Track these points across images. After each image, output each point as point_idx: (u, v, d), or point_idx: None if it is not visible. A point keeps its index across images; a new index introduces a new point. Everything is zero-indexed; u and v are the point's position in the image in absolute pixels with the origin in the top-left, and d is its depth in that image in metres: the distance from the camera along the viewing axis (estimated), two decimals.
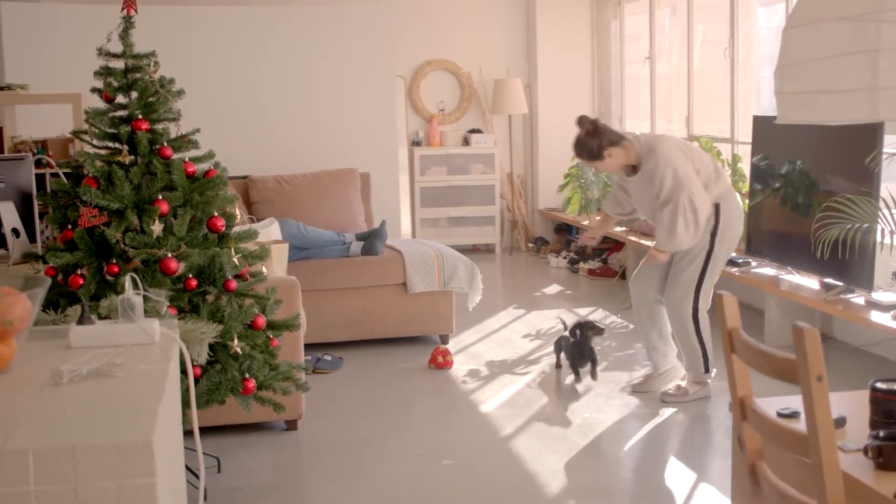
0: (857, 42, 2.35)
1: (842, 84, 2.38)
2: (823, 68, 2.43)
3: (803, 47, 2.52)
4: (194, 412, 2.32)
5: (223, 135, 8.19)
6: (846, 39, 2.37)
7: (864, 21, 2.33)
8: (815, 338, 1.92)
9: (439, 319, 6.74)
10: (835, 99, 2.41)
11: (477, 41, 10.58)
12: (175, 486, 2.14)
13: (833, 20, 2.40)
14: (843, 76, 2.38)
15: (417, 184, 10.35)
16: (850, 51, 2.36)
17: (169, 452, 1.95)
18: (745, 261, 6.83)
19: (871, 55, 2.32)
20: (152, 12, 8.06)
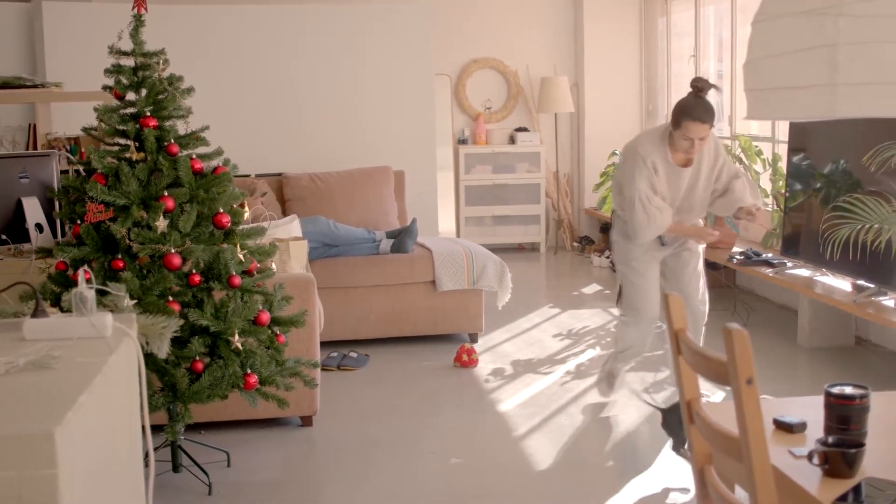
0: (816, 37, 2.29)
1: (801, 80, 2.32)
2: (784, 64, 2.37)
3: (766, 43, 2.47)
4: (145, 404, 2.33)
5: (260, 132, 8.28)
6: (806, 34, 2.31)
7: (823, 15, 2.27)
8: (745, 340, 1.87)
9: (468, 318, 6.72)
10: (795, 95, 2.36)
11: (524, 39, 10.54)
12: (112, 478, 2.15)
13: (794, 15, 2.35)
14: (803, 72, 2.32)
15: (462, 182, 10.33)
16: (809, 46, 2.30)
17: (93, 445, 1.96)
18: (780, 262, 6.71)
19: (830, 50, 2.26)
20: (196, 11, 8.17)
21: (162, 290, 4.00)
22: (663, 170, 4.93)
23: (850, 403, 2.24)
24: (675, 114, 4.83)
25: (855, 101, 2.26)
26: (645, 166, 4.89)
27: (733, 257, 7.02)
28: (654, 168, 4.90)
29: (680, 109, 4.80)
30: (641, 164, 4.91)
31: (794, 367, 6.06)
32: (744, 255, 6.99)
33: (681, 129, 4.78)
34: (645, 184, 4.89)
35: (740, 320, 7.09)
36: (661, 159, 4.92)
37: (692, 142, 4.79)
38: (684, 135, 4.78)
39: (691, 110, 4.74)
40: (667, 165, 4.94)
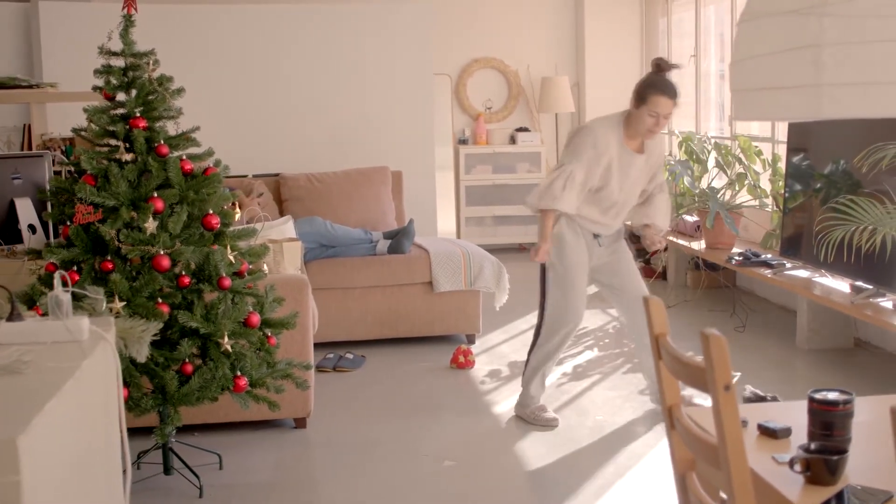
0: (800, 37, 2.26)
1: (786, 80, 2.29)
2: (768, 64, 2.34)
3: (751, 43, 2.43)
4: (121, 408, 2.30)
5: (258, 132, 8.27)
6: (790, 34, 2.28)
7: (807, 15, 2.24)
8: (722, 346, 1.84)
9: (466, 319, 6.69)
10: (779, 96, 2.33)
11: (525, 39, 10.51)
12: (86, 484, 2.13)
13: (779, 15, 2.32)
14: (787, 72, 2.29)
15: (463, 182, 10.31)
16: (793, 46, 2.27)
17: (64, 451, 1.94)
18: (779, 262, 6.67)
19: (814, 50, 2.23)
20: (195, 11, 8.15)
21: (151, 292, 3.98)
22: (617, 153, 4.88)
23: (834, 409, 2.20)
24: (641, 89, 4.81)
25: (840, 101, 2.23)
26: (594, 148, 4.82)
27: (732, 258, 6.99)
28: (607, 152, 4.83)
29: (646, 84, 4.80)
30: (591, 144, 4.84)
31: (793, 370, 6.02)
32: (743, 255, 6.95)
33: (647, 104, 4.75)
34: (583, 167, 4.82)
35: (739, 321, 7.05)
36: (615, 142, 4.87)
37: (657, 119, 4.77)
38: (650, 110, 4.75)
39: (658, 85, 4.76)
40: (621, 149, 4.89)
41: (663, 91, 4.74)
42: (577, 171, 4.81)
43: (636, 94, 4.82)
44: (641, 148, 4.96)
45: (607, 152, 4.85)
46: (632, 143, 4.92)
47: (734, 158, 7.55)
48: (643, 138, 4.92)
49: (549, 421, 5.09)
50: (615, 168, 4.88)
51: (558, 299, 5.05)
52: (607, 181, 4.89)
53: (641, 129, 4.83)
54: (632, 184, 4.99)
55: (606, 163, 4.86)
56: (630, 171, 4.94)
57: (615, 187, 4.92)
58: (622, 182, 4.94)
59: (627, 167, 4.92)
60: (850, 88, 2.19)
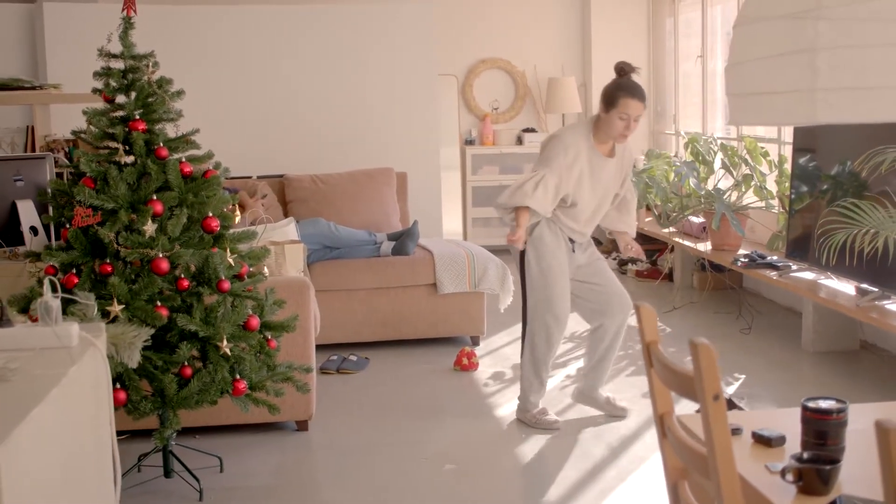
0: (794, 41, 2.23)
1: (780, 85, 2.27)
2: (763, 69, 2.32)
3: (746, 47, 2.41)
4: (111, 413, 2.29)
5: (262, 133, 8.26)
6: (784, 38, 2.26)
7: (802, 19, 2.21)
8: (710, 355, 1.82)
9: (470, 321, 6.68)
10: (774, 101, 2.30)
11: (531, 39, 10.48)
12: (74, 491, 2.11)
13: (773, 19, 2.29)
14: (782, 77, 2.26)
15: (469, 183, 10.29)
16: (787, 50, 2.24)
17: (49, 458, 1.93)
18: (784, 264, 6.63)
19: (809, 55, 2.21)
20: (198, 12, 8.15)
21: (150, 295, 3.97)
22: (587, 158, 4.88)
23: (827, 418, 2.18)
24: (609, 93, 4.82)
25: (835, 106, 2.20)
26: (565, 155, 4.83)
27: (738, 259, 6.95)
28: (577, 160, 4.84)
29: (615, 87, 4.82)
30: (563, 151, 4.85)
31: (798, 372, 5.99)
32: (748, 257, 6.91)
33: (617, 107, 4.77)
34: (555, 174, 4.81)
35: (745, 323, 7.02)
36: (585, 148, 4.88)
37: (627, 121, 4.79)
38: (620, 113, 4.77)
39: (626, 88, 4.79)
40: (591, 153, 4.90)
41: (632, 94, 4.78)
42: (550, 177, 4.82)
43: (605, 99, 4.85)
44: (612, 152, 4.99)
45: (578, 159, 4.86)
46: (602, 147, 4.94)
47: (740, 159, 7.52)
48: (615, 142, 4.94)
49: (551, 424, 5.07)
50: (586, 176, 4.90)
51: (540, 302, 5.04)
52: (579, 195, 4.91)
53: (613, 132, 4.85)
54: (604, 189, 5.00)
55: (578, 173, 4.87)
56: (602, 176, 4.96)
57: (588, 198, 4.94)
58: (594, 188, 4.95)
59: (599, 172, 4.94)
60: (845, 93, 2.17)
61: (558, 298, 5.01)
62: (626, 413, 5.21)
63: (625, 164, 5.07)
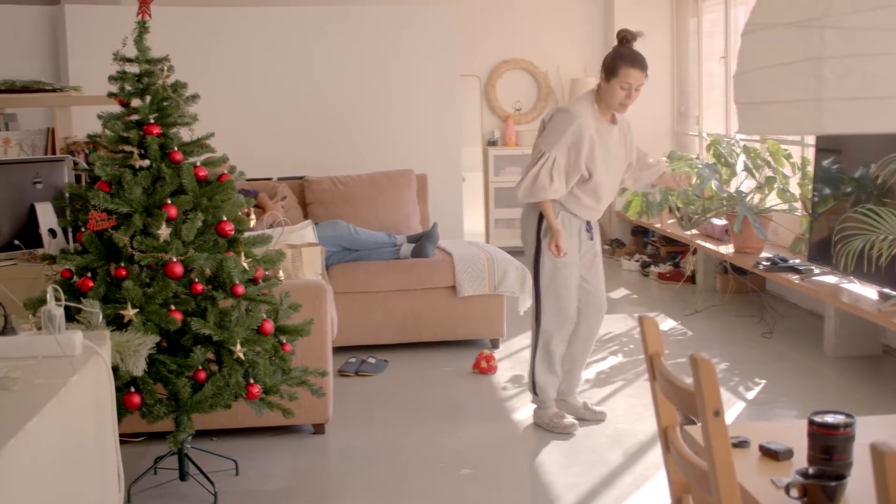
0: (801, 50, 2.20)
1: (787, 94, 2.23)
2: (770, 77, 2.28)
3: (754, 55, 2.38)
4: (114, 421, 2.29)
5: (283, 135, 8.27)
6: (791, 47, 2.22)
7: (808, 27, 2.18)
8: (711, 370, 1.79)
9: (490, 323, 6.66)
10: (781, 110, 2.27)
11: (554, 40, 10.46)
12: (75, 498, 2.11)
13: (780, 26, 2.26)
14: (789, 86, 2.23)
15: (492, 184, 10.27)
16: (794, 59, 2.21)
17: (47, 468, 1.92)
18: (807, 268, 6.58)
19: (815, 63, 2.17)
20: (221, 13, 8.17)
21: (164, 299, 3.97)
22: (595, 127, 4.85)
23: (834, 433, 2.14)
24: (610, 62, 4.79)
25: (842, 116, 2.17)
26: (571, 126, 4.80)
27: (760, 263, 6.90)
28: (586, 133, 4.80)
29: (615, 57, 4.78)
30: (569, 122, 4.81)
31: (819, 377, 5.93)
32: (770, 260, 6.86)
33: (618, 76, 4.74)
34: (563, 150, 4.81)
35: (767, 327, 6.97)
36: (591, 118, 4.85)
37: (629, 91, 4.76)
38: (622, 82, 4.73)
39: (627, 57, 4.75)
40: (597, 122, 4.87)
41: (633, 63, 4.74)
42: (559, 156, 4.81)
43: (605, 68, 4.81)
44: (613, 120, 4.96)
45: (587, 129, 4.82)
46: (605, 116, 4.92)
47: (763, 162, 7.46)
48: (615, 111, 4.91)
49: (567, 428, 5.05)
50: (598, 146, 4.86)
51: (551, 296, 5.02)
52: (594, 166, 4.88)
53: (613, 102, 4.82)
54: (615, 158, 4.98)
55: (588, 143, 4.83)
56: (610, 145, 4.93)
57: (603, 169, 4.91)
58: (606, 159, 4.92)
59: (607, 141, 4.91)
60: (853, 103, 2.14)
61: (566, 293, 5.01)
62: (604, 416, 5.19)
63: (625, 130, 5.04)
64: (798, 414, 5.26)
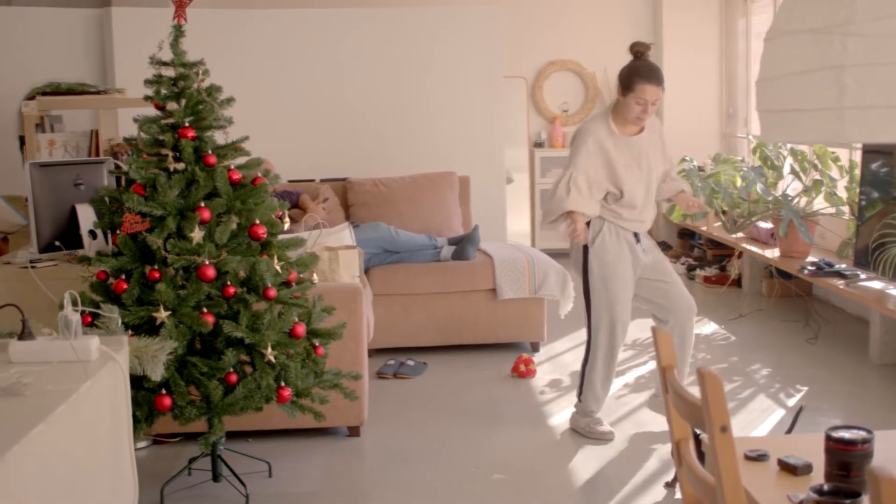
0: (822, 57, 2.16)
1: (808, 102, 2.19)
2: (791, 85, 2.24)
3: (775, 62, 2.34)
4: (129, 426, 2.30)
5: (327, 136, 8.30)
6: (812, 54, 2.18)
7: (830, 34, 2.14)
8: (718, 386, 1.76)
9: (530, 326, 6.63)
10: (802, 118, 2.23)
11: (602, 41, 10.39)
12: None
13: (802, 33, 2.22)
14: (809, 94, 2.19)
15: (538, 186, 10.23)
16: (815, 67, 2.17)
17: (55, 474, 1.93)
18: (852, 273, 6.47)
19: (837, 71, 2.13)
20: (267, 15, 8.21)
21: (197, 302, 3.99)
22: (611, 143, 4.81)
23: (851, 449, 2.09)
24: (625, 77, 4.73)
25: (863, 125, 2.12)
26: (587, 146, 4.78)
27: (805, 267, 6.80)
28: (600, 147, 4.77)
29: (631, 72, 4.72)
30: (583, 144, 4.80)
31: (863, 384, 5.84)
32: (815, 265, 6.76)
33: (634, 92, 4.69)
34: (581, 169, 4.77)
35: (811, 332, 6.87)
36: (605, 133, 4.81)
37: (645, 106, 4.70)
38: (637, 98, 4.68)
39: (642, 72, 4.68)
40: (613, 137, 4.82)
41: (648, 78, 4.67)
42: (576, 174, 4.79)
43: (621, 83, 4.77)
44: (640, 130, 4.89)
45: (602, 147, 4.80)
46: (625, 129, 4.85)
47: (810, 164, 7.35)
48: (633, 125, 4.84)
49: (604, 434, 5.01)
50: (618, 161, 4.81)
51: (603, 310, 4.99)
52: (621, 181, 4.83)
53: (630, 116, 4.78)
54: (646, 166, 4.91)
55: (605, 160, 4.80)
56: (635, 155, 4.86)
57: (631, 181, 4.85)
58: (632, 169, 4.86)
59: (630, 151, 4.85)
60: (874, 112, 2.09)
61: (620, 307, 4.97)
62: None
63: (655, 136, 4.96)
64: (840, 422, 5.17)
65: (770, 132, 2.33)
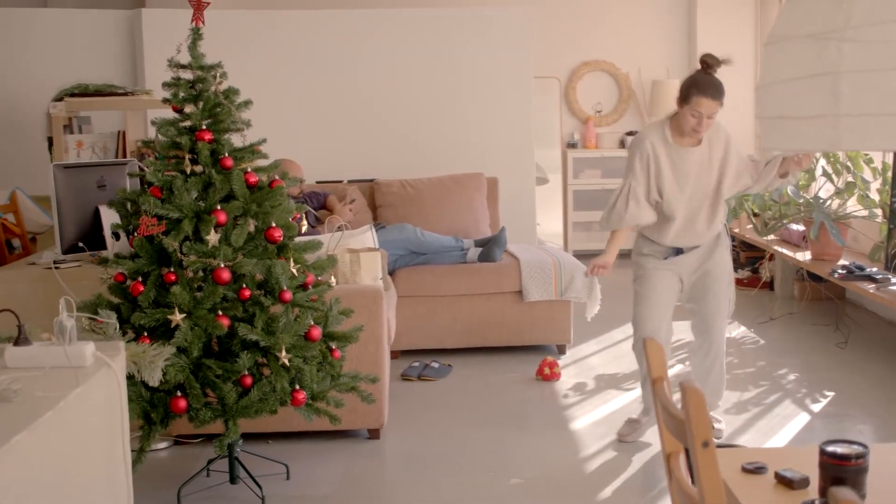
0: (818, 63, 2.11)
1: (804, 109, 2.15)
2: (788, 92, 2.20)
3: (774, 68, 2.30)
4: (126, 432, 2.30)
5: (355, 137, 8.30)
6: (809, 60, 2.14)
7: (826, 40, 2.10)
8: (700, 400, 1.73)
9: (556, 329, 6.59)
10: (799, 126, 2.19)
11: (636, 41, 10.33)
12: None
13: (799, 39, 2.18)
14: (806, 101, 2.15)
15: (570, 187, 10.18)
16: (811, 73, 2.13)
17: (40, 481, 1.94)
18: (884, 277, 6.38)
19: (832, 78, 2.09)
20: (294, 17, 8.23)
21: (213, 305, 4.00)
22: (664, 151, 4.75)
23: (845, 464, 2.05)
24: (684, 88, 4.68)
25: (859, 132, 2.08)
26: (642, 153, 4.75)
27: (835, 270, 6.71)
28: (653, 153, 4.73)
29: (689, 84, 4.67)
30: (639, 151, 4.78)
31: (892, 391, 5.74)
32: (846, 268, 6.67)
33: (689, 104, 4.63)
34: (638, 178, 4.76)
35: (842, 336, 6.78)
36: (659, 140, 4.76)
37: (700, 119, 4.62)
38: (693, 110, 4.62)
39: (701, 85, 4.62)
40: (667, 146, 4.76)
41: (705, 92, 4.60)
42: (635, 184, 4.76)
43: (680, 93, 4.72)
44: (698, 141, 4.79)
45: (656, 154, 4.75)
46: (681, 140, 4.78)
47: (843, 166, 7.26)
48: (689, 137, 4.76)
49: (622, 436, 4.99)
50: (666, 168, 4.75)
51: (635, 319, 5.01)
52: (662, 186, 4.77)
53: (686, 128, 4.71)
54: (694, 182, 4.79)
55: (655, 167, 4.75)
56: (686, 168, 4.77)
57: (674, 192, 4.77)
58: (679, 181, 4.78)
59: (681, 164, 4.77)
60: (869, 119, 2.05)
61: (646, 319, 4.95)
62: (721, 434, 5.05)
63: (718, 151, 4.81)
64: (866, 429, 5.10)
65: (770, 139, 2.29)
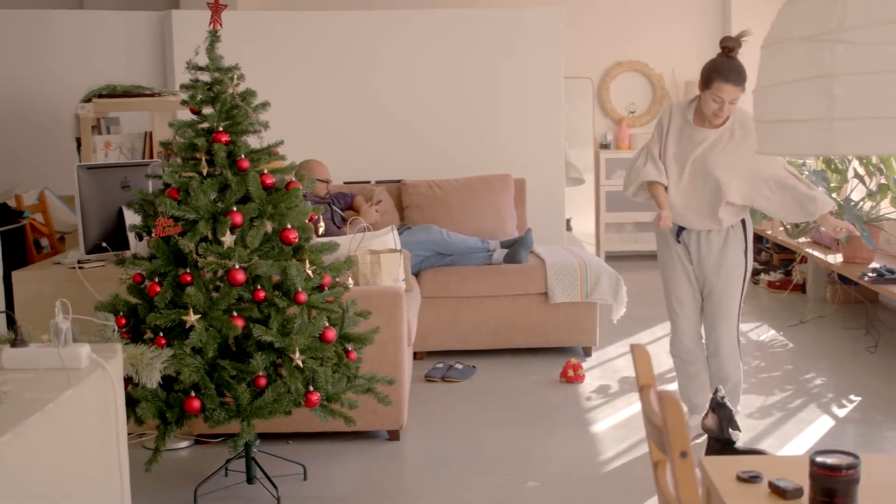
0: (812, 66, 2.08)
1: (798, 113, 2.12)
2: (783, 94, 2.17)
3: (770, 70, 2.27)
4: (123, 434, 2.31)
5: (383, 138, 8.30)
6: (803, 63, 2.10)
7: (821, 42, 2.06)
8: (677, 408, 1.70)
9: (582, 331, 6.56)
10: (793, 129, 2.15)
11: (670, 41, 10.25)
12: None
13: (795, 41, 2.14)
14: (800, 104, 2.11)
15: (603, 188, 10.13)
16: (805, 76, 2.09)
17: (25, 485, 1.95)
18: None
19: (826, 80, 2.05)
20: (323, 17, 8.25)
21: (228, 306, 4.02)
22: (677, 126, 4.79)
23: (836, 475, 2.01)
24: (706, 73, 4.64)
25: (853, 137, 2.04)
26: (660, 121, 4.86)
27: (865, 274, 6.62)
28: (668, 121, 4.81)
29: (711, 68, 4.62)
30: (662, 115, 4.91)
31: None
32: (876, 271, 6.58)
33: (710, 89, 4.60)
34: (654, 141, 4.84)
35: (872, 340, 6.69)
36: (679, 115, 4.81)
37: (721, 104, 4.59)
38: (714, 95, 4.58)
39: (722, 70, 4.57)
40: (683, 121, 4.79)
41: (727, 77, 4.56)
42: (652, 145, 4.85)
43: (702, 78, 4.67)
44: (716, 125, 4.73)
45: (672, 124, 4.82)
46: (702, 123, 4.76)
47: (875, 168, 7.16)
48: (710, 121, 4.72)
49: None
50: (672, 140, 4.80)
51: (665, 290, 5.05)
52: (665, 158, 4.80)
53: (707, 112, 4.68)
54: (700, 164, 4.73)
55: (664, 135, 4.82)
56: (694, 141, 4.74)
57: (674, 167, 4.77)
58: (678, 157, 4.77)
59: (691, 135, 4.75)
60: (864, 123, 2.01)
61: (675, 286, 4.96)
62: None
63: (738, 139, 4.72)
64: (893, 436, 5.03)
65: (768, 144, 2.26)
